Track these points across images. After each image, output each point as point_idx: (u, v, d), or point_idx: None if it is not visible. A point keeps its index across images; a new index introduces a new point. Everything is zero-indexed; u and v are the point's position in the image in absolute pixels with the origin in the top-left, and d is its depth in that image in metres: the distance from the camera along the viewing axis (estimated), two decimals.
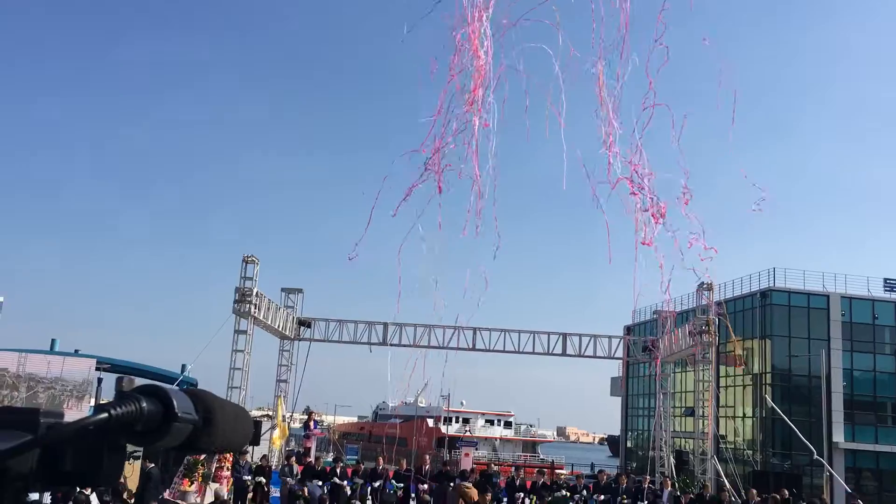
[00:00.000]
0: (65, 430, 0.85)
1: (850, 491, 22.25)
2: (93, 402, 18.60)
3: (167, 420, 0.89)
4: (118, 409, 0.85)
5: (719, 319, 24.60)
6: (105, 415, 0.84)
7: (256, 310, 23.50)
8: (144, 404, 0.87)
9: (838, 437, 42.50)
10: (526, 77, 12.18)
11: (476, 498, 14.75)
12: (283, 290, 28.00)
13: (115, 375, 21.60)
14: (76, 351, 24.18)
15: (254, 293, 23.21)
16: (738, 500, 19.64)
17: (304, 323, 27.79)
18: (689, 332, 25.06)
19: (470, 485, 15.92)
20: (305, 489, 17.85)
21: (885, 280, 47.17)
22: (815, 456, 24.80)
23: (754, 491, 19.96)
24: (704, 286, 24.90)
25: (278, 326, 25.94)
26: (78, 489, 13.17)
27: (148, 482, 14.74)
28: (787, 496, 18.71)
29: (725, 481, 22.83)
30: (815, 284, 46.83)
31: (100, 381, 20.49)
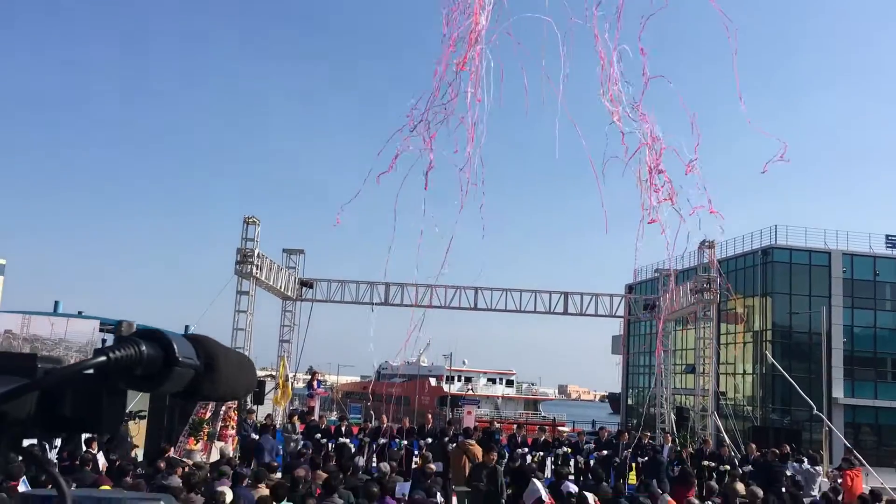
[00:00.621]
0: (62, 373, 0.83)
1: (847, 445, 22.46)
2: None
3: (168, 364, 0.86)
4: (117, 352, 0.82)
5: (720, 276, 24.63)
6: (103, 358, 0.82)
7: (258, 270, 23.53)
8: (144, 348, 0.84)
9: (838, 392, 42.84)
10: (518, 44, 12.03)
11: (480, 455, 14.92)
12: (284, 250, 28.03)
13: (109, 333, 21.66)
14: (80, 312, 24.26)
15: (255, 254, 23.23)
16: (738, 455, 19.84)
17: (306, 283, 27.84)
18: (691, 290, 25.10)
19: (473, 442, 16.10)
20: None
21: (887, 236, 47.13)
22: (815, 411, 25.02)
23: (753, 446, 20.15)
24: (706, 244, 24.89)
25: (280, 287, 26.00)
26: (85, 449, 13.31)
27: (114, 438, 15.00)
28: (786, 451, 18.89)
29: (725, 437, 23.06)
30: (816, 241, 46.83)
31: (104, 342, 20.58)
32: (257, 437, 19.35)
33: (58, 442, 15.17)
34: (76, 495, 0.85)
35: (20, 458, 0.85)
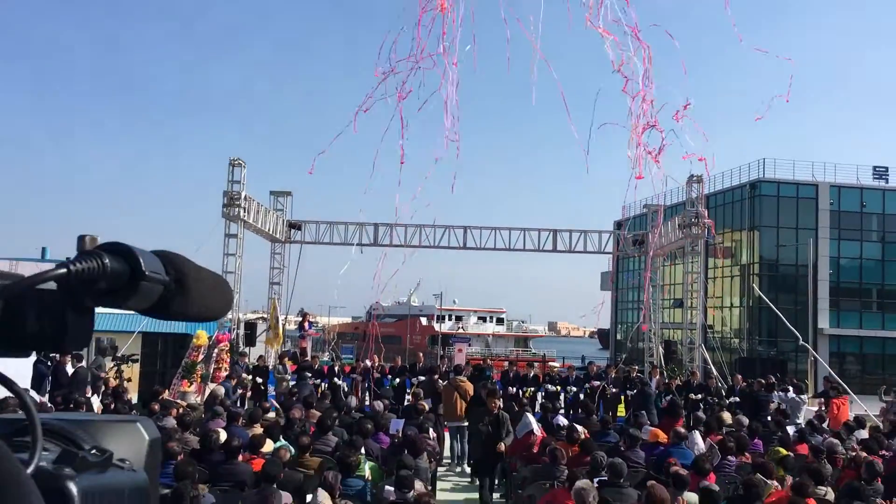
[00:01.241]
0: (21, 285, 0.79)
1: (829, 374, 22.85)
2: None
3: (134, 278, 0.83)
4: (78, 264, 0.79)
5: (709, 211, 24.67)
6: (64, 270, 0.79)
7: (246, 213, 23.39)
8: (107, 261, 0.81)
9: (823, 323, 43.47)
10: None
11: (471, 391, 15.10)
12: (271, 193, 27.82)
13: None
14: (68, 259, 24.15)
15: (242, 196, 23.05)
16: (725, 386, 20.20)
17: (295, 226, 27.73)
18: (679, 225, 25.15)
19: (465, 378, 16.29)
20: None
21: (875, 168, 47.26)
22: (801, 342, 25.39)
23: (739, 376, 20.52)
24: (694, 178, 24.86)
25: (269, 230, 25.89)
26: (77, 395, 13.40)
27: (76, 378, 15.18)
28: (771, 381, 19.22)
29: (713, 368, 23.41)
30: (804, 174, 46.91)
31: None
32: (256, 378, 19.62)
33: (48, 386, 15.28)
34: (48, 418, 0.84)
35: None
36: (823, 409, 17.54)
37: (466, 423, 14.29)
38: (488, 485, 11.59)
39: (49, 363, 16.11)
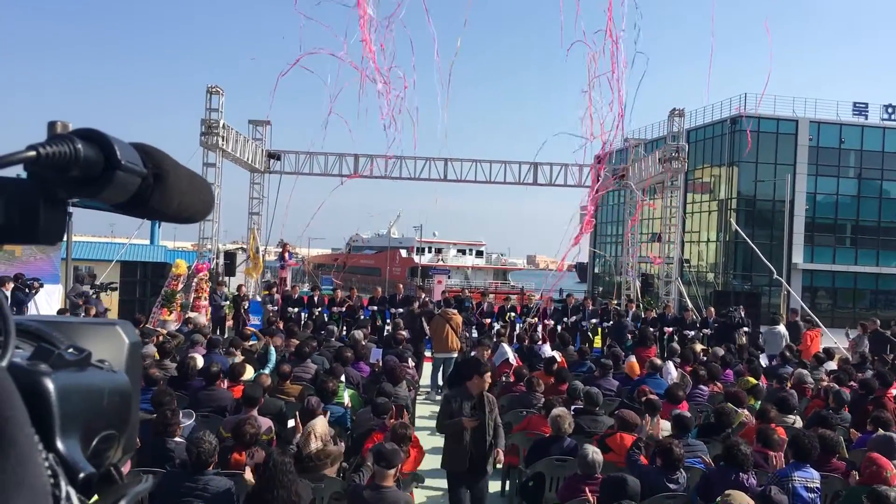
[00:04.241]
0: None
1: (796, 308, 23.24)
2: (64, 238, 18.49)
3: (109, 167, 0.78)
4: (48, 147, 0.74)
5: (689, 147, 24.59)
6: (33, 153, 0.73)
7: (224, 142, 23.02)
8: (80, 146, 0.76)
9: (797, 258, 44.06)
10: None
11: (460, 323, 15.29)
12: (250, 122, 27.38)
13: (83, 210, 21.31)
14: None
15: (220, 125, 22.66)
16: (699, 318, 20.54)
17: (274, 156, 27.38)
18: (659, 159, 25.10)
19: (455, 311, 16.48)
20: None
21: (855, 104, 47.28)
22: (775, 276, 25.72)
23: (712, 309, 20.87)
24: (675, 113, 24.74)
25: (247, 159, 25.57)
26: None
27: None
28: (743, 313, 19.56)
29: (688, 301, 23.72)
30: (785, 110, 46.84)
31: (69, 215, 20.19)
32: (225, 303, 19.72)
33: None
34: (21, 318, 0.81)
35: None
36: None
37: (455, 355, 14.38)
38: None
39: (28, 290, 16.05)
